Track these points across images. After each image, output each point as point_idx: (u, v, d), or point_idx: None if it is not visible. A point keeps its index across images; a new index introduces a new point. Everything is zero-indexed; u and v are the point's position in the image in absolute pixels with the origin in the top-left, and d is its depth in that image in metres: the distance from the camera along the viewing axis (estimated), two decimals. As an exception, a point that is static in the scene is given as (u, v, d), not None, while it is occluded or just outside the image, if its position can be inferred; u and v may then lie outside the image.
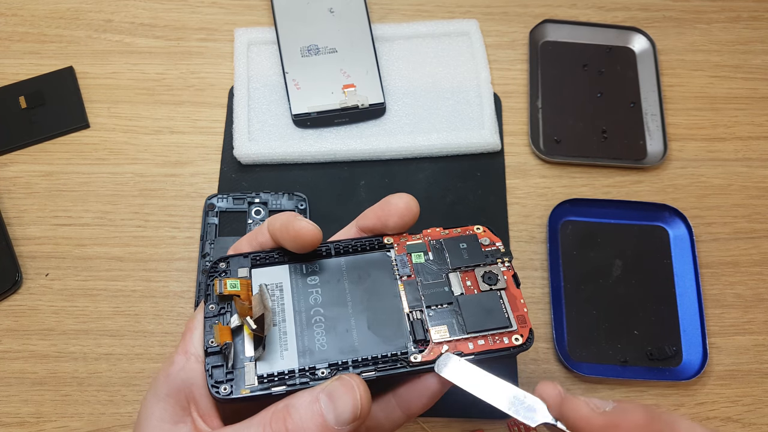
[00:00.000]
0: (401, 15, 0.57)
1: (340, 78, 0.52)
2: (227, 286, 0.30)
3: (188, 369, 0.29)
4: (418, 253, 0.33)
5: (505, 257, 0.32)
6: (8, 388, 0.44)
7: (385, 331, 0.30)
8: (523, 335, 0.30)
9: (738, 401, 0.45)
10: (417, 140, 0.51)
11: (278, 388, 0.28)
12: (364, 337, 0.30)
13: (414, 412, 0.30)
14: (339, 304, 0.31)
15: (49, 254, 0.47)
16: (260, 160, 0.50)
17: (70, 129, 0.51)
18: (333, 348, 0.30)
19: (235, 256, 0.32)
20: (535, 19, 0.57)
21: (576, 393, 0.45)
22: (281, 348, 0.29)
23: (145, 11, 0.56)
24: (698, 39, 0.58)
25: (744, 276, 0.49)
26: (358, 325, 0.30)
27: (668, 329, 0.47)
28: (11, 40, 0.55)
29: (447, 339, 0.30)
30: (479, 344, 0.30)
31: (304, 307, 0.31)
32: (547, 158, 0.52)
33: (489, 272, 0.32)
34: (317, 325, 0.30)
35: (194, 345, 0.30)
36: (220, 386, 0.28)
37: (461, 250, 0.33)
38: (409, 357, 0.29)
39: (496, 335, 0.30)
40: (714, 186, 0.52)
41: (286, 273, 0.32)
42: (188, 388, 0.29)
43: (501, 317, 0.31)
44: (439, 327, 0.30)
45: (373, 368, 0.29)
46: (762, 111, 0.56)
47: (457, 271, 0.32)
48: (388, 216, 0.32)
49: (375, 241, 0.33)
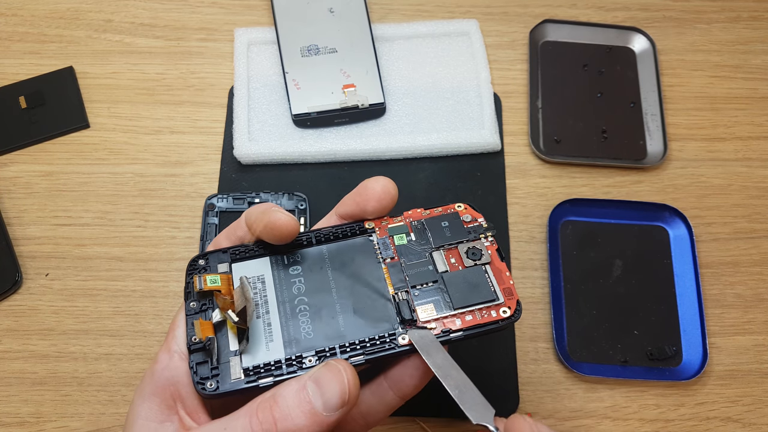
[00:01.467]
0: (401, 15, 0.57)
1: (340, 78, 0.52)
2: (207, 281, 0.29)
3: (172, 367, 0.29)
4: (400, 235, 0.32)
5: (488, 232, 0.32)
6: (8, 388, 0.44)
7: (372, 314, 0.30)
8: (510, 307, 0.30)
9: (738, 401, 0.45)
10: (417, 140, 0.51)
11: (265, 379, 0.28)
12: (351, 322, 0.30)
13: (407, 392, 0.30)
14: (323, 291, 0.31)
15: (49, 254, 0.47)
16: (260, 160, 0.50)
17: (70, 129, 0.51)
18: (319, 335, 0.29)
19: (214, 252, 0.32)
20: (535, 19, 0.57)
21: (576, 393, 0.45)
22: (266, 340, 0.29)
23: (145, 11, 0.56)
24: (698, 39, 0.58)
25: (744, 276, 0.49)
26: (344, 310, 0.30)
27: (668, 329, 0.47)
28: (11, 40, 0.55)
29: (434, 317, 0.30)
30: (467, 320, 0.30)
31: (287, 298, 0.30)
32: (547, 158, 0.52)
33: (472, 248, 0.31)
34: (302, 314, 0.30)
35: (177, 343, 0.30)
36: (206, 382, 0.28)
37: (443, 228, 0.32)
38: (397, 338, 0.29)
39: (483, 309, 0.30)
40: (714, 186, 0.52)
41: (268, 265, 0.31)
42: (173, 386, 0.29)
43: (487, 291, 0.30)
44: (426, 306, 0.30)
45: (362, 352, 0.29)
46: (762, 111, 0.56)
47: (440, 249, 0.31)
48: (366, 201, 0.32)
49: (356, 227, 0.32)
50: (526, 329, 0.47)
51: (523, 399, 0.45)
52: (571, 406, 0.45)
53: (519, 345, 0.46)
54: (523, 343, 0.46)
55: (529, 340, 0.47)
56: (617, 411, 0.45)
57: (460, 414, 0.29)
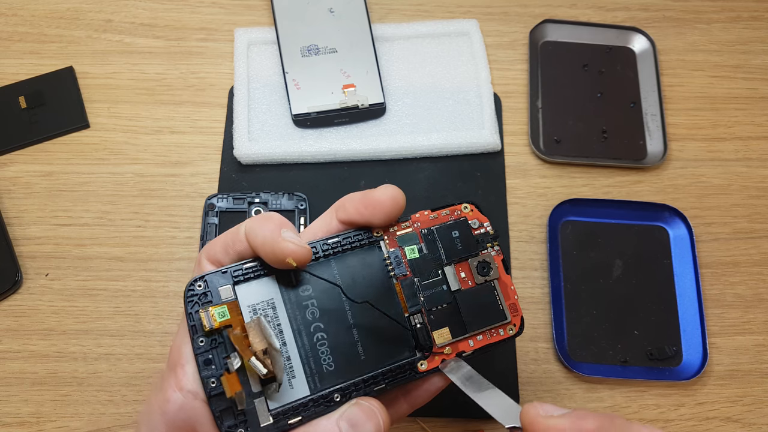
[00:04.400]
0: (401, 15, 0.57)
1: (340, 78, 0.52)
2: (215, 317, 0.28)
3: (188, 408, 0.28)
4: (411, 247, 0.32)
5: (494, 240, 0.33)
6: (8, 388, 0.44)
7: (389, 338, 0.30)
8: (516, 324, 0.32)
9: (738, 401, 0.45)
10: (417, 140, 0.51)
11: (294, 419, 0.28)
12: (369, 347, 0.30)
13: (419, 404, 0.32)
14: (337, 315, 0.30)
15: (49, 254, 0.47)
16: (260, 160, 0.50)
17: (70, 129, 0.51)
18: (341, 367, 0.29)
19: (212, 273, 0.29)
20: (535, 19, 0.57)
21: (576, 393, 0.45)
22: (288, 376, 0.29)
23: (145, 11, 0.56)
24: (698, 39, 0.58)
25: (744, 276, 0.49)
26: (361, 335, 0.30)
27: (668, 329, 0.47)
28: (11, 40, 0.55)
29: (449, 342, 0.31)
30: (478, 340, 0.31)
31: (302, 325, 0.29)
32: (547, 158, 0.52)
33: (482, 261, 0.32)
34: (320, 343, 0.29)
35: (189, 381, 0.28)
36: (235, 430, 0.27)
37: (454, 240, 0.32)
38: (417, 365, 0.30)
39: (492, 330, 0.32)
40: (714, 186, 0.52)
41: (275, 286, 0.30)
42: (191, 427, 0.28)
43: (497, 312, 0.32)
44: (441, 330, 0.31)
45: (384, 383, 0.30)
46: (762, 111, 0.56)
47: (451, 264, 0.32)
48: (373, 214, 0.30)
49: (364, 237, 0.31)
50: (526, 329, 0.47)
51: (523, 399, 0.45)
52: (571, 406, 0.45)
53: (519, 345, 0.46)
54: (523, 343, 0.46)
55: (529, 340, 0.47)
56: (617, 411, 0.45)
57: (461, 414, 0.30)
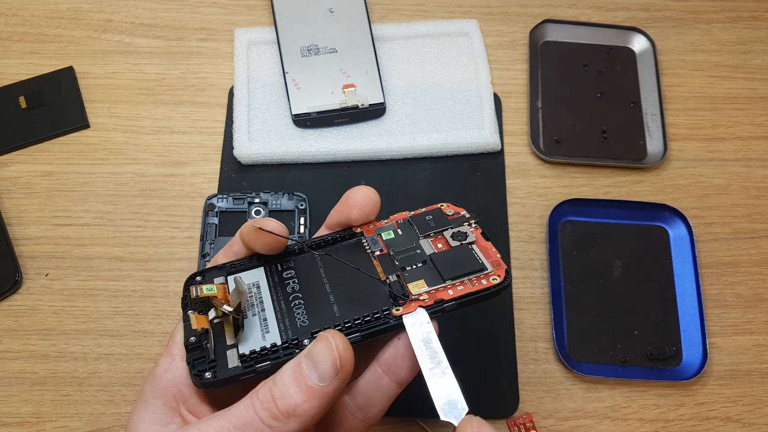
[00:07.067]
0: (401, 15, 0.57)
1: (340, 78, 0.52)
2: (203, 290, 0.30)
3: (173, 368, 0.30)
4: (388, 231, 0.33)
5: (471, 220, 0.33)
6: (8, 388, 0.44)
7: (365, 300, 0.30)
8: (500, 275, 0.31)
9: (738, 401, 0.45)
10: (417, 140, 0.51)
11: (263, 364, 0.28)
12: (345, 309, 0.30)
13: (402, 376, 0.30)
14: (317, 287, 0.31)
15: (49, 254, 0.47)
16: (260, 160, 0.50)
17: (70, 129, 0.51)
18: (315, 321, 0.30)
19: (211, 269, 0.33)
20: (535, 19, 0.57)
21: (576, 393, 0.45)
22: (263, 331, 0.30)
23: (145, 11, 0.56)
24: (698, 39, 0.58)
25: (744, 276, 0.49)
26: (338, 299, 0.31)
27: (668, 329, 0.47)
28: (11, 40, 0.55)
29: (426, 290, 0.30)
30: (459, 289, 0.30)
31: (282, 296, 0.31)
32: (547, 158, 0.52)
33: (457, 231, 0.32)
34: (297, 307, 0.31)
35: (177, 347, 0.30)
36: (204, 374, 0.28)
37: (428, 221, 0.33)
38: (391, 310, 0.29)
39: (474, 279, 0.31)
40: (714, 186, 0.52)
41: (262, 273, 0.32)
42: (175, 387, 0.29)
43: (475, 262, 0.31)
44: (417, 281, 0.31)
45: (357, 329, 0.29)
46: (762, 111, 0.56)
47: (427, 237, 0.33)
48: (350, 209, 0.33)
49: (346, 233, 0.34)
50: (526, 329, 0.47)
51: (523, 399, 0.45)
52: (571, 406, 0.45)
53: (519, 345, 0.46)
54: (523, 343, 0.46)
55: (529, 340, 0.47)
56: (617, 411, 0.45)
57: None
